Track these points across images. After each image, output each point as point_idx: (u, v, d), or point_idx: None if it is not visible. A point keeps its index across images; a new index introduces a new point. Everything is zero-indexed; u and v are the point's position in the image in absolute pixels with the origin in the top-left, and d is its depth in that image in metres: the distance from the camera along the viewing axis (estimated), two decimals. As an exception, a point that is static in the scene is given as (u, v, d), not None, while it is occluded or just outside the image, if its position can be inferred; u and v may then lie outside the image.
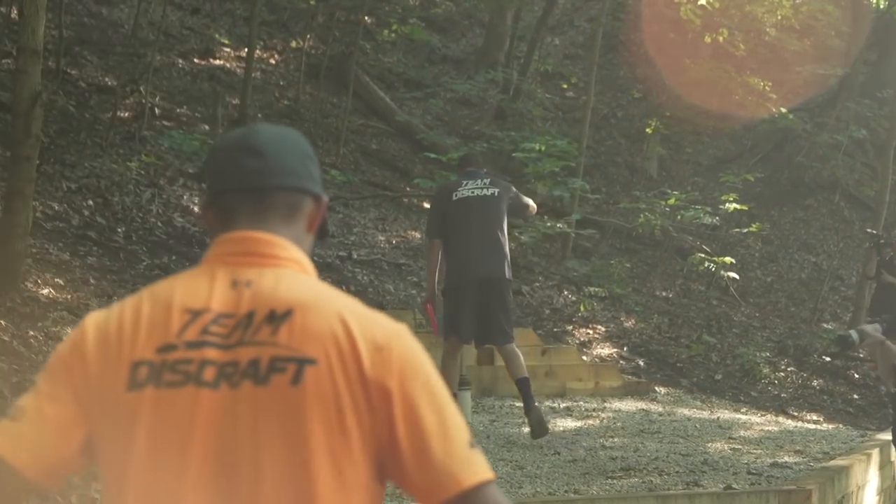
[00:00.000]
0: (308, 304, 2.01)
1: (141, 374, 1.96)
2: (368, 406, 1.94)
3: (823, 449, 9.46)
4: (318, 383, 1.93)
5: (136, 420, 1.94)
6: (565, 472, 7.92)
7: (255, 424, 1.92)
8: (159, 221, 12.84)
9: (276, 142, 2.16)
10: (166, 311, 2.03)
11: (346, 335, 1.98)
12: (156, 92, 17.96)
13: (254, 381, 1.94)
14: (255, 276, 2.04)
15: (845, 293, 18.20)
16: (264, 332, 1.97)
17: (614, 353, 13.66)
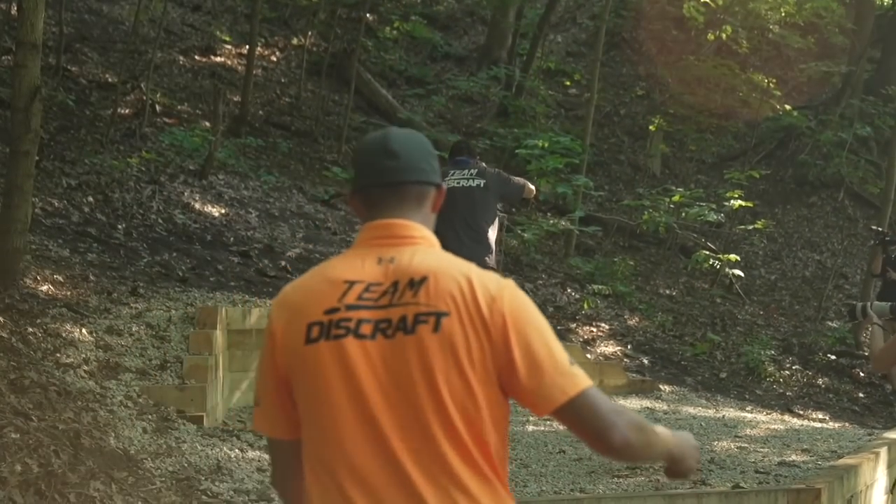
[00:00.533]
0: (438, 271, 2.66)
1: (314, 332, 2.64)
2: (489, 341, 2.60)
3: (831, 448, 9.36)
4: (452, 329, 2.60)
5: (316, 364, 2.62)
6: (571, 471, 7.82)
7: (410, 362, 2.58)
8: (160, 218, 12.74)
9: (407, 145, 2.80)
10: (329, 283, 2.69)
11: (469, 291, 2.63)
12: (156, 89, 17.87)
13: (404, 332, 2.61)
14: (396, 253, 2.70)
15: (850, 291, 18.09)
16: (408, 296, 2.63)
17: (618, 351, 13.55)
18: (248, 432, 8.48)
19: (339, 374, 2.61)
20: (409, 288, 2.64)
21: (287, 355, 2.68)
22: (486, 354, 2.60)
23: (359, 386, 2.59)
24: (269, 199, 15.20)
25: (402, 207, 2.76)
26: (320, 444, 2.62)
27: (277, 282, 12.10)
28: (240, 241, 13.01)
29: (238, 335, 9.85)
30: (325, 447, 2.62)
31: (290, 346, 2.67)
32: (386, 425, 2.58)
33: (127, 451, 6.60)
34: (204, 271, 11.58)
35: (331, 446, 2.60)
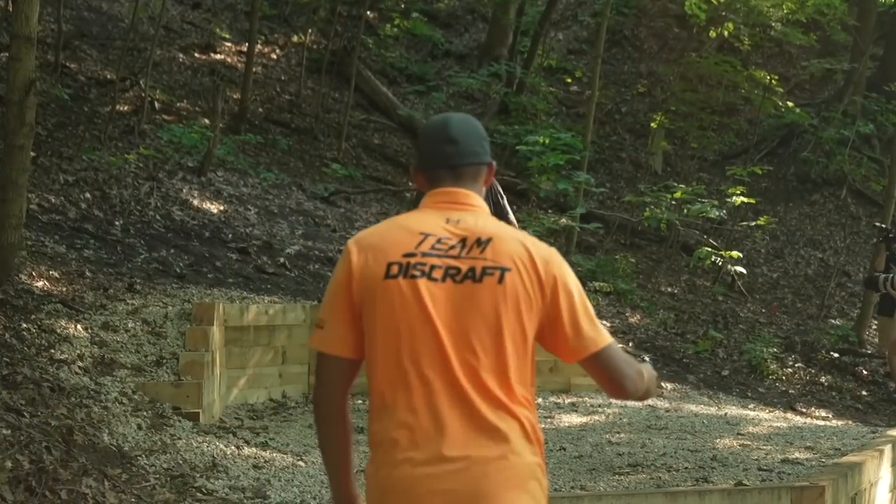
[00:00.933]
0: (500, 235, 3.20)
1: (393, 270, 3.12)
2: (542, 295, 3.17)
3: (834, 445, 9.26)
4: (514, 282, 3.13)
5: (391, 297, 3.10)
6: (571, 468, 7.72)
7: (477, 306, 3.10)
8: (157, 215, 12.64)
9: (464, 131, 3.32)
10: (407, 232, 3.19)
11: (527, 253, 3.19)
12: (156, 86, 17.78)
13: (472, 281, 3.12)
14: (461, 216, 3.22)
15: (852, 289, 18.00)
16: (475, 251, 3.16)
17: (620, 348, 13.46)
18: (245, 429, 8.40)
19: (413, 306, 3.11)
20: (477, 245, 3.17)
21: (364, 287, 3.13)
22: (538, 305, 3.17)
23: (429, 317, 3.10)
24: (268, 196, 15.10)
25: (462, 183, 3.29)
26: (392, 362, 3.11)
27: (276, 278, 12.02)
28: (238, 238, 12.91)
29: (235, 332, 9.76)
30: (396, 364, 3.11)
31: (368, 280, 3.14)
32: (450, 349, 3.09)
33: (121, 448, 6.51)
34: (202, 268, 11.49)
35: (402, 363, 3.10)
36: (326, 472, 3.35)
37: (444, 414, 3.07)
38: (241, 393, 9.83)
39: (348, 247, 3.22)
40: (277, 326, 10.30)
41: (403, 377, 3.08)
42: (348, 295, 3.15)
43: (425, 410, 3.07)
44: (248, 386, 9.94)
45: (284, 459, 7.31)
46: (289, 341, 10.44)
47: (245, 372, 9.89)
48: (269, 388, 10.20)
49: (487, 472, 3.04)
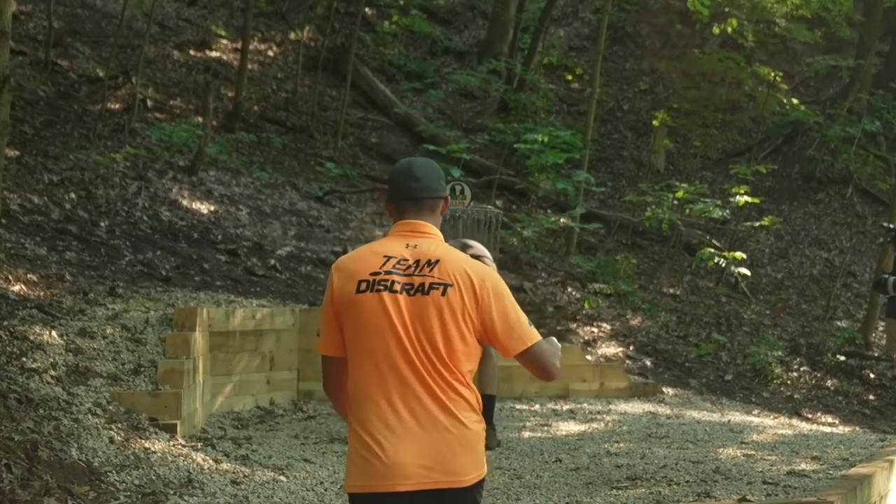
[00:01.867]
0: (447, 258, 3.93)
1: (362, 286, 3.88)
2: (477, 305, 3.87)
3: (842, 455, 8.90)
4: (454, 295, 3.87)
5: (362, 307, 3.86)
6: (567, 482, 7.36)
7: (426, 313, 3.85)
8: (145, 215, 12.30)
9: (425, 171, 4.06)
10: (374, 255, 3.94)
11: (466, 273, 3.91)
12: (149, 84, 17.48)
13: (422, 293, 3.86)
14: (418, 241, 3.96)
15: (858, 290, 17.65)
16: (426, 270, 3.89)
17: (620, 352, 13.10)
18: (227, 440, 8.06)
19: (378, 314, 3.89)
20: (427, 265, 3.94)
21: (342, 302, 3.93)
22: (475, 315, 3.92)
23: (391, 321, 3.88)
24: (260, 195, 14.77)
25: (421, 214, 4.05)
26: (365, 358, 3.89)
27: (266, 281, 11.68)
28: (228, 239, 12.57)
29: (221, 337, 9.42)
30: (369, 358, 3.88)
31: (344, 296, 3.93)
32: (408, 345, 3.87)
33: (90, 464, 6.16)
34: (189, 270, 11.15)
35: (374, 357, 3.87)
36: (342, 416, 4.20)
37: (407, 396, 3.89)
38: (227, 401, 9.49)
39: (332, 270, 4.04)
40: (265, 331, 9.96)
41: (376, 368, 3.89)
42: (333, 309, 4.00)
43: (393, 394, 3.89)
44: (234, 393, 9.59)
45: (265, 474, 6.97)
46: (277, 346, 10.10)
47: (231, 379, 9.55)
48: (257, 395, 9.86)
49: (445, 439, 3.87)
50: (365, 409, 3.87)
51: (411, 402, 3.85)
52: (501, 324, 3.90)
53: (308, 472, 7.20)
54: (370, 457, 3.84)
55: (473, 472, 3.89)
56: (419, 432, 3.83)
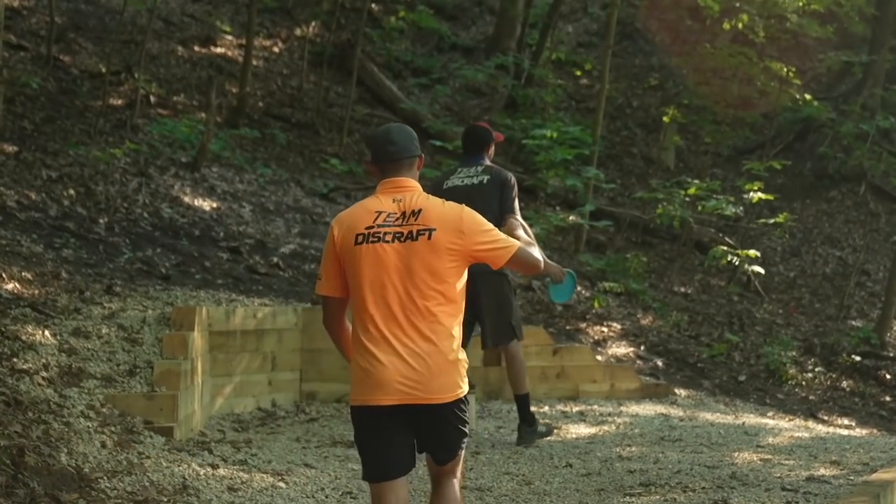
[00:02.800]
0: (428, 206, 4.77)
1: (359, 239, 4.72)
2: (463, 239, 4.75)
3: (862, 459, 8.62)
4: (439, 237, 4.71)
5: (360, 256, 4.70)
6: (577, 489, 7.08)
7: (416, 258, 4.69)
8: (145, 212, 12.03)
9: (400, 135, 4.89)
10: (367, 212, 4.78)
11: (447, 215, 4.77)
12: (153, 80, 17.25)
13: (411, 240, 4.70)
14: (402, 195, 4.79)
15: (872, 289, 17.35)
16: (411, 220, 4.72)
17: (630, 352, 12.82)
18: (226, 444, 7.79)
19: (374, 261, 4.71)
20: (413, 216, 4.74)
21: (343, 252, 4.76)
22: (462, 245, 4.76)
23: (385, 266, 4.70)
24: (264, 192, 14.51)
25: (401, 171, 4.86)
26: (363, 296, 4.71)
27: (268, 279, 11.41)
28: (230, 237, 12.31)
29: (221, 337, 9.15)
30: (366, 297, 4.70)
31: (345, 247, 4.76)
32: (398, 285, 4.69)
33: (80, 470, 5.89)
34: (189, 268, 10.89)
35: (369, 296, 4.70)
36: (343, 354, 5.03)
37: (394, 327, 4.70)
38: (227, 402, 9.23)
39: (332, 225, 4.86)
40: (266, 331, 9.69)
41: (372, 304, 4.70)
42: (335, 257, 4.82)
43: (386, 325, 4.70)
44: (235, 394, 9.33)
45: (264, 480, 6.69)
46: (279, 346, 9.83)
47: (231, 380, 9.28)
48: (258, 396, 9.60)
49: (426, 363, 4.70)
50: (362, 337, 4.72)
51: (397, 332, 4.69)
52: (486, 244, 4.83)
53: (309, 477, 6.93)
54: (364, 377, 4.70)
55: (449, 392, 4.74)
56: (403, 357, 4.67)
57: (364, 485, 6.87)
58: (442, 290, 4.73)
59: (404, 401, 4.66)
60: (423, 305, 4.69)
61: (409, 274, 4.68)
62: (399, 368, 4.65)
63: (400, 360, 4.66)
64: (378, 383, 4.65)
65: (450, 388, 4.72)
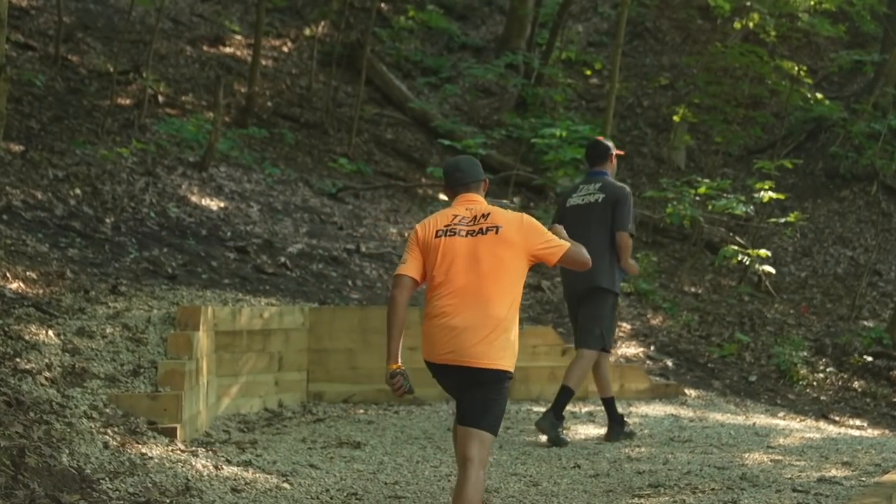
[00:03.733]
0: (495, 211, 5.82)
1: (439, 233, 5.74)
2: (524, 237, 5.74)
3: (873, 460, 8.52)
4: (504, 233, 5.73)
5: (438, 246, 5.72)
6: (586, 490, 7.00)
7: (484, 248, 5.69)
8: (152, 212, 11.97)
9: (467, 165, 6.03)
10: (445, 216, 5.81)
11: (509, 218, 5.78)
12: (160, 79, 17.20)
13: (481, 234, 5.72)
14: (472, 206, 5.86)
15: (884, 289, 17.22)
16: (481, 221, 5.76)
17: (640, 352, 12.73)
18: (231, 444, 7.72)
19: (449, 250, 5.70)
20: (482, 218, 5.77)
21: (425, 245, 5.76)
22: (522, 243, 5.72)
23: (457, 254, 5.69)
24: (272, 192, 14.44)
25: (470, 191, 5.94)
26: (436, 276, 5.71)
27: (276, 279, 11.35)
28: (237, 236, 12.25)
29: (227, 337, 9.09)
30: (439, 277, 5.71)
31: (427, 240, 5.76)
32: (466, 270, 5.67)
33: (81, 471, 5.83)
34: (196, 268, 10.82)
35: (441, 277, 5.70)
36: (387, 338, 5.77)
37: (463, 303, 5.65)
38: (233, 402, 9.17)
39: (416, 228, 5.89)
40: (273, 331, 9.63)
41: (446, 285, 5.69)
42: (417, 249, 5.80)
43: (450, 300, 5.67)
44: (241, 395, 9.26)
45: (268, 481, 6.62)
46: (286, 346, 9.77)
47: (237, 380, 9.22)
48: (264, 396, 9.53)
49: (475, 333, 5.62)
50: (430, 310, 5.74)
51: (459, 306, 5.63)
52: (542, 244, 5.79)
53: (314, 478, 6.85)
54: (426, 339, 5.74)
55: (487, 360, 5.60)
56: (457, 327, 5.61)
57: (370, 485, 6.82)
58: (500, 277, 5.69)
59: (448, 361, 5.64)
60: (483, 288, 5.66)
61: (475, 262, 5.68)
62: (450, 338, 5.61)
63: (453, 330, 5.61)
64: (434, 346, 5.68)
65: (489, 356, 5.61)
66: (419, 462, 7.55)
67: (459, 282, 5.64)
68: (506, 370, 5.62)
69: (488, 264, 5.65)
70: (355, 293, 11.78)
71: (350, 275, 12.33)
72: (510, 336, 5.67)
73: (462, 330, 5.57)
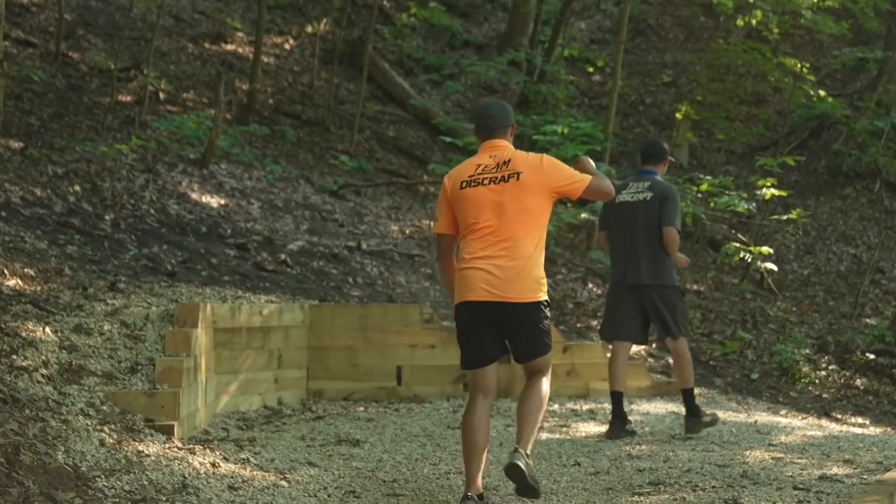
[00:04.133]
0: (515, 156, 6.28)
1: (464, 184, 6.26)
2: (546, 178, 6.22)
3: (875, 458, 8.48)
4: (526, 178, 6.19)
5: (465, 197, 6.25)
6: (585, 487, 6.95)
7: (507, 195, 6.17)
8: (152, 209, 11.94)
9: (497, 110, 6.45)
10: (470, 165, 6.33)
11: (529, 161, 6.26)
12: (162, 77, 17.18)
13: (504, 182, 6.19)
14: (496, 153, 6.31)
15: (887, 287, 17.16)
16: (503, 167, 6.22)
17: (642, 349, 12.67)
18: (229, 442, 7.68)
19: (474, 200, 6.19)
20: (504, 165, 6.19)
21: (452, 196, 6.26)
22: (546, 185, 6.18)
23: (483, 203, 6.16)
24: (273, 189, 14.40)
25: (496, 136, 6.35)
26: (466, 226, 6.23)
27: (276, 276, 11.31)
28: (238, 234, 12.21)
29: (226, 334, 9.06)
30: (468, 226, 6.22)
31: (454, 191, 6.26)
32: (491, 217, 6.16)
33: (77, 468, 5.79)
34: (196, 265, 10.79)
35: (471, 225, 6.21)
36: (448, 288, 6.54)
37: (492, 245, 6.13)
38: (232, 400, 9.13)
39: (444, 180, 6.37)
40: (272, 328, 9.59)
41: (476, 231, 6.19)
42: (447, 204, 6.31)
43: (481, 245, 6.16)
44: (240, 392, 9.23)
45: (266, 478, 6.58)
46: (285, 344, 9.73)
47: (237, 377, 9.18)
48: (264, 394, 9.50)
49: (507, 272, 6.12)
50: (464, 255, 6.26)
51: (489, 250, 6.17)
52: (564, 180, 6.26)
53: (312, 476, 6.81)
54: (461, 282, 6.23)
55: (524, 295, 6.17)
56: (489, 269, 6.15)
57: (368, 483, 6.78)
58: (525, 219, 6.19)
59: (487, 298, 6.14)
60: (511, 231, 6.16)
61: (501, 208, 6.16)
62: (485, 276, 6.15)
63: (486, 272, 6.15)
64: (469, 286, 6.17)
65: (525, 292, 6.16)
66: (418, 460, 7.51)
67: (488, 228, 6.16)
68: (542, 300, 6.24)
69: (513, 209, 6.14)
70: (356, 290, 11.74)
71: (351, 272, 12.29)
72: (540, 270, 6.25)
73: (496, 270, 6.13)
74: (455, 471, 7.19)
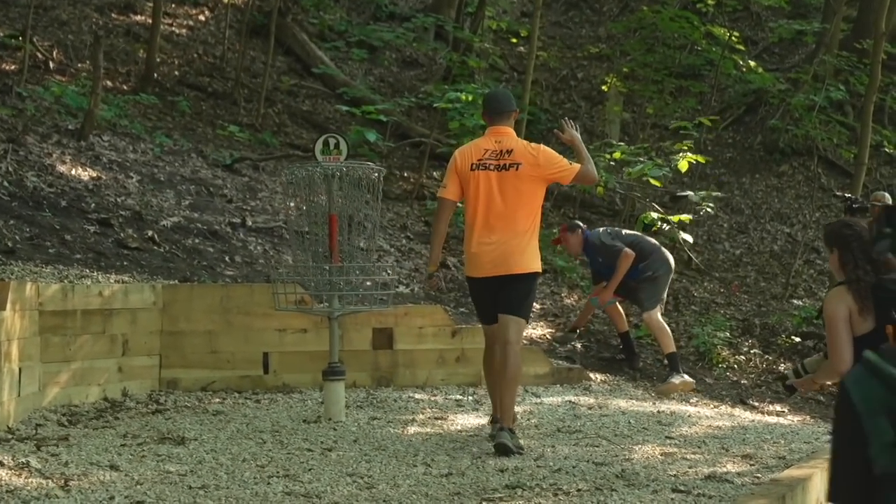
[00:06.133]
0: (517, 147, 7.42)
1: (473, 166, 7.41)
2: (541, 168, 7.34)
3: (779, 452, 7.60)
4: (524, 169, 7.33)
5: (473, 178, 7.38)
6: (429, 493, 5.97)
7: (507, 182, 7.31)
8: (6, 181, 10.87)
9: (502, 96, 7.73)
10: (478, 148, 7.49)
11: (530, 153, 7.39)
12: (56, 46, 16.13)
13: (505, 170, 7.35)
14: (501, 139, 7.46)
15: (822, 267, 16.32)
16: (505, 156, 7.38)
17: (548, 333, 11.74)
18: (31, 441, 6.67)
19: (484, 182, 7.28)
20: (507, 154, 7.30)
21: (462, 173, 7.36)
22: (541, 174, 7.29)
23: (491, 186, 7.26)
24: (158, 162, 13.35)
25: (501, 121, 7.46)
26: (473, 205, 7.33)
27: (138, 254, 10.29)
28: (103, 208, 11.16)
29: (56, 317, 8.03)
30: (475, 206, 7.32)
31: (463, 171, 7.36)
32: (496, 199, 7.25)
33: None
34: (44, 242, 9.76)
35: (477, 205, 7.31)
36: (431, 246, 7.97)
37: (494, 226, 7.23)
38: (64, 392, 8.10)
39: (455, 155, 7.51)
40: (116, 310, 8.57)
41: (479, 211, 7.28)
42: (456, 175, 7.37)
43: (488, 223, 7.25)
44: (74, 383, 8.20)
45: (42, 487, 5.55)
46: (132, 328, 8.71)
47: (69, 366, 8.16)
48: (104, 384, 8.47)
49: (507, 249, 7.23)
50: (470, 234, 7.31)
51: (492, 228, 7.21)
52: (556, 170, 7.34)
53: (103, 482, 5.79)
54: (470, 259, 7.36)
55: (519, 268, 7.21)
56: (492, 246, 7.21)
57: (167, 490, 5.75)
58: (522, 203, 7.23)
59: (492, 274, 7.27)
60: (510, 212, 7.21)
61: (502, 193, 7.22)
62: (489, 254, 7.25)
63: (490, 248, 7.25)
64: (479, 265, 7.31)
65: (522, 264, 7.25)
66: (245, 460, 6.49)
67: (491, 210, 7.23)
68: (537, 271, 7.37)
69: (512, 194, 7.21)
70: (231, 270, 10.75)
71: (229, 250, 11.28)
72: (534, 242, 7.31)
73: (498, 246, 7.22)
74: (282, 474, 6.21)
